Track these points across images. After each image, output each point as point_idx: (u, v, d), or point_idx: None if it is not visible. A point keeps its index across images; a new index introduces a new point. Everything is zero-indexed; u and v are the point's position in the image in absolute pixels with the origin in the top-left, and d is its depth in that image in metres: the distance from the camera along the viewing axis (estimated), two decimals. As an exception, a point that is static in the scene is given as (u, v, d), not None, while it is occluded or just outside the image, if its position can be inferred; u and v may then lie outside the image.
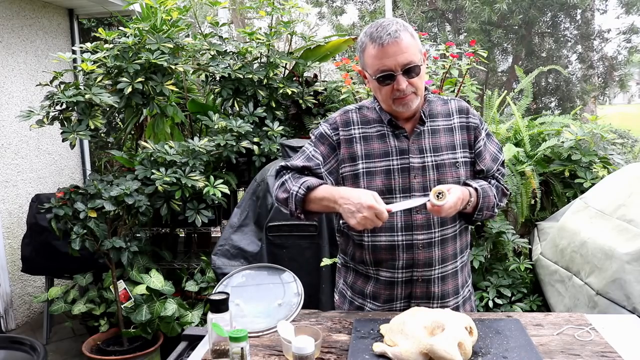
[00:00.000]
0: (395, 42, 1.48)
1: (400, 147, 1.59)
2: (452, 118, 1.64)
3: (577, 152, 2.98)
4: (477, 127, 1.65)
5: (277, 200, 1.64)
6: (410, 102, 1.54)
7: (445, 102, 1.67)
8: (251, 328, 1.48)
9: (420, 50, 1.54)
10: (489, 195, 1.62)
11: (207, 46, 3.54)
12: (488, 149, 1.67)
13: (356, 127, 1.63)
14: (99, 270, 3.39)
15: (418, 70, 1.52)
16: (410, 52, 1.50)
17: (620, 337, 1.41)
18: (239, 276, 1.70)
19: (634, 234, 2.24)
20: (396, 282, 1.62)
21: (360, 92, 3.62)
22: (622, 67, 8.85)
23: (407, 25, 1.54)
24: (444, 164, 1.59)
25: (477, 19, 7.74)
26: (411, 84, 1.52)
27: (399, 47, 1.48)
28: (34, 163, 4.28)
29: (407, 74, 1.51)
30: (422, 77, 1.56)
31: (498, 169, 1.69)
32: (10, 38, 4.08)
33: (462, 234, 1.68)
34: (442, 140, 1.61)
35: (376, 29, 1.51)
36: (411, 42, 1.51)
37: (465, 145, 1.63)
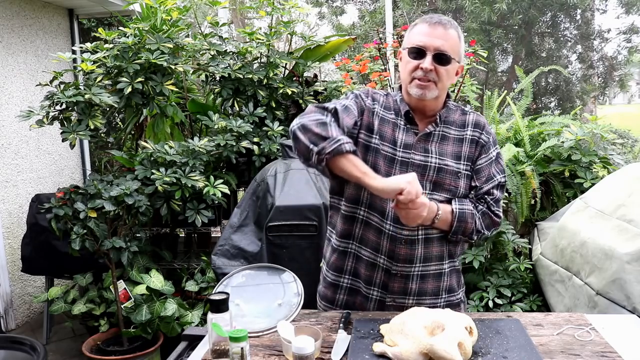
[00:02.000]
0: (441, 27, 1.55)
1: (407, 141, 1.61)
2: (465, 130, 1.65)
3: (577, 152, 2.98)
4: (486, 144, 1.65)
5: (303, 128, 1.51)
6: (426, 89, 1.56)
7: (464, 113, 1.68)
8: (251, 328, 1.48)
9: (459, 53, 1.59)
10: (467, 222, 1.58)
11: (207, 46, 3.54)
12: (489, 169, 1.64)
13: (379, 106, 1.66)
14: (99, 270, 3.39)
15: (449, 62, 1.55)
16: (450, 42, 1.55)
17: (620, 337, 1.41)
18: (239, 276, 1.70)
19: (634, 234, 2.24)
20: (377, 265, 1.63)
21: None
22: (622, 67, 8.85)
23: (459, 29, 1.61)
24: (446, 169, 1.60)
25: (477, 19, 7.74)
26: (436, 70, 1.55)
27: (442, 32, 1.55)
28: (34, 163, 4.28)
29: (437, 59, 1.54)
30: (449, 74, 1.57)
31: (489, 192, 1.63)
32: (10, 38, 4.08)
33: (450, 241, 1.65)
34: (449, 148, 1.63)
35: (433, 16, 1.60)
36: (455, 39, 1.57)
37: (470, 158, 1.64)
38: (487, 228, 1.63)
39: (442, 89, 1.59)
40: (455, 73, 1.61)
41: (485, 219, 1.62)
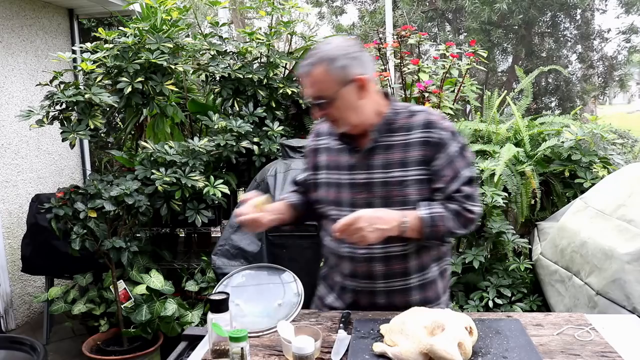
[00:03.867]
0: (305, 75, 1.54)
1: (350, 162, 1.61)
2: (411, 133, 1.57)
3: (577, 152, 2.98)
4: (440, 142, 1.54)
5: None
6: (336, 125, 1.58)
7: (412, 115, 1.59)
8: (251, 328, 1.48)
9: (341, 82, 1.50)
10: (438, 226, 1.51)
11: (207, 46, 3.54)
12: (451, 167, 1.54)
13: (324, 138, 1.70)
14: (99, 270, 3.39)
15: (327, 104, 1.52)
16: (318, 86, 1.52)
17: (620, 337, 1.41)
18: (239, 276, 1.70)
19: (634, 234, 2.24)
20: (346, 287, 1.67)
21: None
22: (622, 67, 8.85)
23: (330, 55, 1.51)
24: (391, 182, 1.55)
25: (477, 19, 7.73)
26: (326, 113, 1.55)
27: (307, 80, 1.54)
28: (34, 163, 4.28)
29: (317, 105, 1.54)
30: (344, 103, 1.52)
31: (459, 190, 1.54)
32: (10, 38, 4.08)
33: (419, 252, 1.60)
34: (395, 156, 1.56)
35: (302, 64, 1.56)
36: (321, 77, 1.51)
37: (422, 162, 1.55)
38: (464, 226, 1.56)
39: (350, 114, 1.54)
40: (361, 86, 1.53)
41: (460, 218, 1.54)
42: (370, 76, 1.56)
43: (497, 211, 2.89)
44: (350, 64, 1.51)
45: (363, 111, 1.55)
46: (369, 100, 1.56)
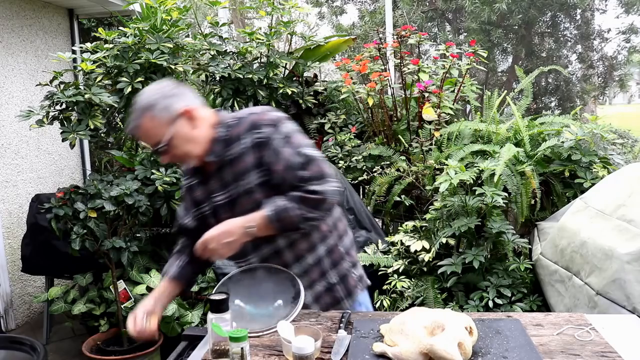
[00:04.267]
0: (136, 133, 1.59)
1: (208, 189, 1.69)
2: (242, 140, 1.59)
3: (577, 152, 2.98)
4: (265, 139, 1.56)
5: None
6: (186, 164, 1.69)
7: (239, 123, 1.62)
8: (251, 328, 1.48)
9: (168, 122, 1.55)
10: (286, 218, 1.53)
11: (207, 46, 3.54)
12: (280, 159, 1.55)
13: (187, 177, 1.78)
14: (99, 270, 3.39)
15: (167, 146, 1.57)
16: (151, 135, 1.57)
17: (620, 337, 1.41)
18: (239, 276, 1.70)
19: (634, 234, 2.24)
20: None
21: (360, 92, 3.62)
22: (622, 67, 8.84)
23: (147, 104, 1.56)
24: (239, 194, 1.61)
25: (477, 19, 7.73)
26: (170, 157, 1.60)
27: (140, 135, 1.60)
28: (34, 163, 4.28)
29: (160, 152, 1.59)
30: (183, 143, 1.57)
31: (298, 176, 1.54)
32: (10, 38, 4.08)
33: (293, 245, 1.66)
34: (238, 168, 1.61)
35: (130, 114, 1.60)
36: (149, 126, 1.56)
37: (257, 164, 1.58)
38: (314, 208, 1.55)
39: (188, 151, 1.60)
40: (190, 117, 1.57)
41: (306, 203, 1.53)
42: (196, 105, 1.61)
43: (497, 211, 2.89)
44: (171, 102, 1.56)
45: (200, 140, 1.60)
46: (203, 127, 1.60)
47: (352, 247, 1.82)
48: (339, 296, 1.73)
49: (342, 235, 1.78)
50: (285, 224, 1.55)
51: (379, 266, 2.92)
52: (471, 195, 2.88)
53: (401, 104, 3.72)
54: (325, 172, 1.57)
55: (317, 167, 1.57)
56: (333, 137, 3.79)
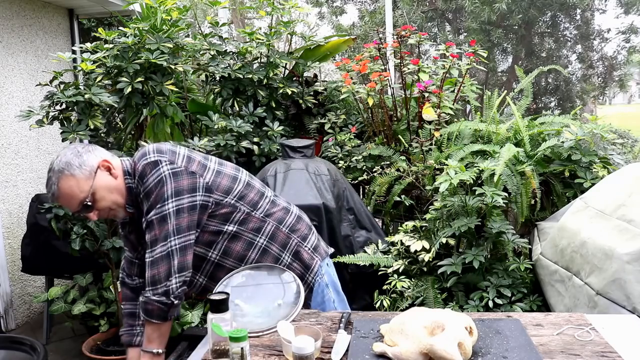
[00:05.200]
0: (57, 198, 1.60)
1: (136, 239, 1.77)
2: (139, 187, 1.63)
3: (577, 152, 2.98)
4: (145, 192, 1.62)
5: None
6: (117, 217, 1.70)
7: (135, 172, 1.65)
8: (251, 328, 1.48)
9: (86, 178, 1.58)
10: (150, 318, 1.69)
11: (207, 46, 3.54)
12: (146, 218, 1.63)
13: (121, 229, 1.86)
14: (99, 270, 3.39)
15: (92, 201, 1.60)
16: (72, 194, 1.58)
17: (620, 337, 1.41)
18: (239, 276, 1.71)
19: (634, 234, 2.24)
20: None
21: (360, 92, 3.62)
22: (622, 67, 8.84)
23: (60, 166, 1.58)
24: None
25: (477, 19, 7.73)
26: (100, 213, 1.63)
27: (62, 198, 1.60)
28: (34, 163, 4.28)
29: (87, 209, 1.61)
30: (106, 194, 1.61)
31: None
32: (10, 38, 4.08)
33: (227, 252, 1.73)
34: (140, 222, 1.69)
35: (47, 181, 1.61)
36: (69, 184, 1.57)
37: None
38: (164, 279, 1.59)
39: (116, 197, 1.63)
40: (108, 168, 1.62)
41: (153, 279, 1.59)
42: (108, 156, 1.64)
43: (497, 211, 2.89)
44: (86, 159, 1.60)
45: (121, 188, 1.64)
46: (120, 177, 1.65)
47: (299, 222, 1.84)
48: (299, 272, 1.77)
49: (282, 217, 1.80)
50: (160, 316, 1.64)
51: (379, 266, 2.92)
52: (471, 195, 2.88)
53: (401, 104, 3.72)
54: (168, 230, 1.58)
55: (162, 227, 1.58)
56: (333, 137, 3.79)
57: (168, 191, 1.57)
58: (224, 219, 1.67)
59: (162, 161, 1.60)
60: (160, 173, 1.58)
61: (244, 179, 1.75)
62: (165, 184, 1.58)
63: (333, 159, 3.66)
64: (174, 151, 1.65)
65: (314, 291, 1.79)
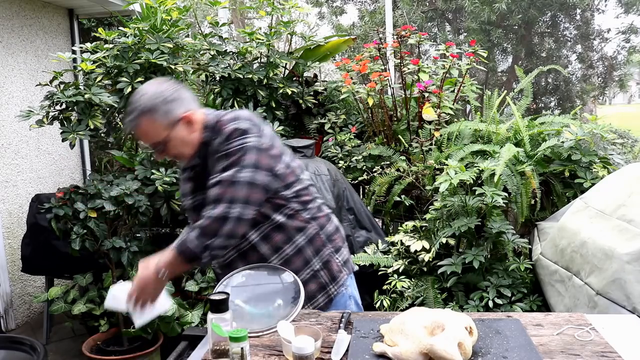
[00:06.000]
0: (133, 131, 1.67)
1: (191, 187, 1.79)
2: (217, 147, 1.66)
3: (577, 152, 2.98)
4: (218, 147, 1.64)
5: None
6: (178, 161, 1.80)
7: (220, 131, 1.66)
8: (251, 328, 1.48)
9: (167, 126, 1.63)
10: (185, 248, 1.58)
11: (207, 46, 3.54)
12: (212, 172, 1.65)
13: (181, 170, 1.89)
14: (99, 270, 3.39)
15: (163, 147, 1.67)
16: (149, 136, 1.66)
17: (620, 337, 1.41)
18: (239, 276, 1.71)
19: (634, 234, 2.24)
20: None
21: (360, 92, 3.62)
22: (622, 67, 8.84)
23: (146, 108, 1.61)
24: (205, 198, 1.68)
25: (477, 19, 7.73)
26: (164, 155, 1.71)
27: (137, 134, 1.68)
28: (34, 163, 4.28)
29: (156, 150, 1.70)
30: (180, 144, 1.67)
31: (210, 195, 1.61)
32: (10, 38, 4.08)
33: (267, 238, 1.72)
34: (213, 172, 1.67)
35: (127, 109, 1.66)
36: (148, 128, 1.64)
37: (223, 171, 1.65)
38: (211, 235, 1.56)
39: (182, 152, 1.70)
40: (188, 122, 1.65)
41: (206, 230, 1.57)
42: (194, 109, 1.67)
43: (497, 211, 2.89)
44: (172, 108, 1.63)
45: (194, 143, 1.70)
46: (197, 131, 1.69)
47: (336, 232, 1.87)
48: (324, 282, 1.78)
49: (324, 224, 1.82)
50: (186, 254, 1.59)
51: (379, 266, 2.92)
52: (471, 195, 2.88)
53: (401, 104, 3.72)
54: (236, 196, 1.57)
55: (222, 190, 1.58)
56: (333, 137, 3.79)
57: (248, 161, 1.59)
58: (275, 208, 1.71)
59: (252, 131, 1.62)
60: (248, 142, 1.60)
61: (305, 180, 1.81)
62: (249, 153, 1.59)
63: (333, 159, 3.66)
64: (262, 128, 1.68)
65: (334, 302, 1.80)
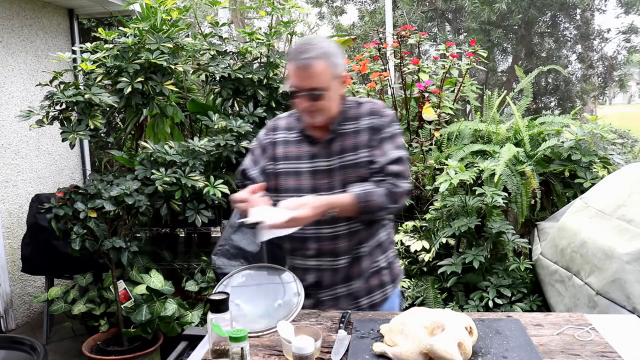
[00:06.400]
0: (305, 67, 1.65)
1: (312, 152, 1.76)
2: (360, 121, 1.74)
3: (577, 152, 2.98)
4: (381, 126, 1.73)
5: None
6: (314, 117, 1.72)
7: (359, 105, 1.78)
8: (251, 328, 1.48)
9: (331, 75, 1.67)
10: (370, 200, 1.63)
11: (207, 46, 3.54)
12: (381, 146, 1.71)
13: (281, 132, 1.84)
14: (99, 270, 3.39)
15: (321, 95, 1.67)
16: (317, 78, 1.65)
17: (620, 337, 1.41)
18: (239, 276, 1.71)
19: (634, 234, 2.24)
20: (308, 269, 1.75)
21: (360, 92, 3.62)
22: (622, 67, 8.85)
23: (328, 52, 1.67)
24: (347, 165, 1.71)
25: (477, 19, 7.73)
26: (313, 105, 1.68)
27: (307, 72, 1.65)
28: (34, 163, 4.28)
29: (311, 97, 1.67)
30: (330, 97, 1.69)
31: (385, 167, 1.68)
32: (10, 38, 4.08)
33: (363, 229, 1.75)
34: (348, 142, 1.73)
35: (297, 51, 1.67)
36: (321, 71, 1.65)
37: (368, 145, 1.72)
38: (396, 203, 1.68)
39: (328, 108, 1.70)
40: (343, 82, 1.73)
41: (392, 195, 1.66)
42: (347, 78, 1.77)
43: (497, 211, 2.90)
44: (340, 62, 1.72)
45: (338, 105, 1.74)
46: (342, 97, 1.76)
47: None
48: (385, 280, 1.82)
49: (391, 227, 1.90)
50: (368, 207, 1.63)
51: (379, 266, 2.92)
52: (471, 195, 2.88)
53: (401, 104, 3.72)
54: (408, 173, 1.76)
55: (405, 168, 1.74)
56: (333, 137, 3.78)
57: (403, 142, 1.78)
58: None
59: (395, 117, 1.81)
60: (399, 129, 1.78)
61: None
62: (401, 136, 1.79)
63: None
64: None
65: (390, 300, 1.84)
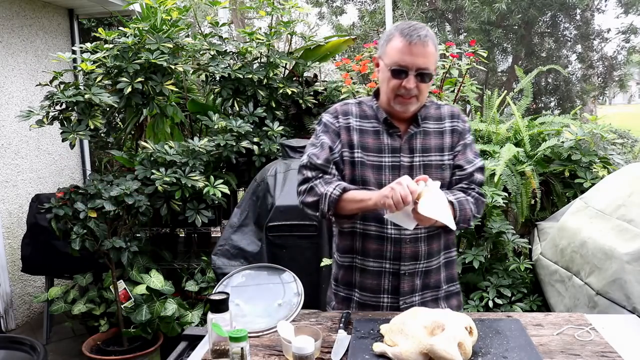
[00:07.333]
0: (421, 44, 1.57)
1: (393, 145, 1.66)
2: (443, 122, 1.72)
3: (577, 152, 2.98)
4: (463, 131, 1.73)
5: (305, 204, 1.66)
6: (409, 104, 1.62)
7: (438, 107, 1.75)
8: (251, 328, 1.48)
9: (436, 63, 1.64)
10: (465, 209, 1.61)
11: (207, 46, 3.54)
12: (467, 152, 1.71)
13: (354, 119, 1.70)
14: (99, 270, 3.39)
15: (429, 78, 1.61)
16: (430, 59, 1.59)
17: (620, 337, 1.41)
18: (239, 276, 1.71)
19: (634, 234, 2.24)
20: (384, 272, 1.66)
21: (360, 92, 3.62)
22: (622, 67, 8.85)
23: (434, 38, 1.64)
24: (431, 164, 1.66)
25: (477, 19, 7.73)
26: (418, 87, 1.59)
27: (423, 50, 1.57)
28: (34, 163, 4.28)
29: (419, 77, 1.59)
30: (429, 87, 1.65)
31: (473, 175, 1.68)
32: (10, 38, 4.08)
33: (447, 232, 1.71)
34: (432, 142, 1.68)
35: (408, 27, 1.59)
36: (433, 52, 1.61)
37: (452, 148, 1.71)
38: (478, 212, 1.68)
39: (423, 97, 1.65)
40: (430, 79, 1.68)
41: (478, 204, 1.66)
42: None
43: (497, 211, 2.89)
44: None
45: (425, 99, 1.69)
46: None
47: None
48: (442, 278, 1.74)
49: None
50: (463, 214, 1.59)
51: (379, 266, 2.92)
52: (471, 195, 2.88)
53: (401, 104, 3.71)
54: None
55: (484, 176, 1.73)
56: (333, 137, 3.78)
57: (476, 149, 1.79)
58: None
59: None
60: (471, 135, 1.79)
61: None
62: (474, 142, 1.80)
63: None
64: None
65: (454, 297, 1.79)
